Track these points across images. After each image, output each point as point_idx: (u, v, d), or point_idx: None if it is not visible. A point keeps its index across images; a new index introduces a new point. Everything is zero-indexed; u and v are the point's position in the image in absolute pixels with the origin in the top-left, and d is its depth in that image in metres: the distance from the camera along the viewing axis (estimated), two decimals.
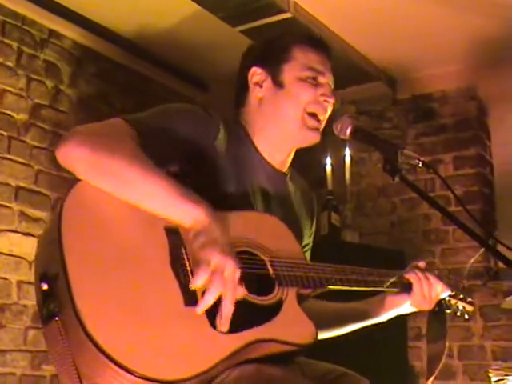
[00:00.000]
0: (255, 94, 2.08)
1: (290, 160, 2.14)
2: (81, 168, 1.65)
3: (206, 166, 1.89)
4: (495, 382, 3.28)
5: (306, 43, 2.09)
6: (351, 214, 5.12)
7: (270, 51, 2.10)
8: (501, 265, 4.79)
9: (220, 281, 1.58)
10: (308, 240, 2.20)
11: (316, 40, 2.12)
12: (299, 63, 2.05)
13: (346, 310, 2.21)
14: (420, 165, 1.90)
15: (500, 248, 1.85)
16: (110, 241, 1.59)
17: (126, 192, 1.65)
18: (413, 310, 2.16)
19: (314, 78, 2.04)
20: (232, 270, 1.60)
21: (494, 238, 1.97)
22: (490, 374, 3.34)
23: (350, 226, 4.91)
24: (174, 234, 1.68)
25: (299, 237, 2.07)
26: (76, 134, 1.70)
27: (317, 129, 2.05)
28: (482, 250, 1.92)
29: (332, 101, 2.06)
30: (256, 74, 2.08)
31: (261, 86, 2.07)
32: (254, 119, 2.07)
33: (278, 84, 2.05)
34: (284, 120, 2.04)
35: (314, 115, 2.04)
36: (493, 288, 4.65)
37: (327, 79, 2.07)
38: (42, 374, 3.96)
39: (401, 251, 4.56)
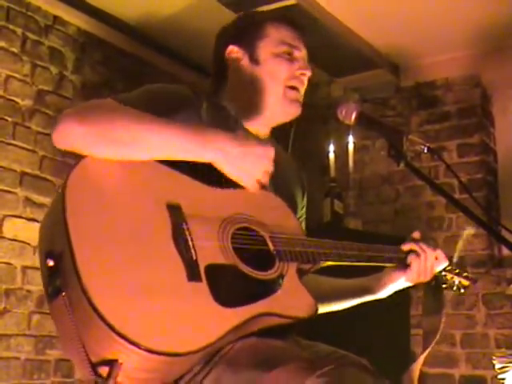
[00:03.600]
0: (233, 72, 2.11)
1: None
2: (84, 142, 1.66)
3: None
4: (499, 369, 3.29)
5: (278, 20, 2.13)
6: (354, 202, 5.12)
7: (245, 29, 2.13)
8: (504, 252, 4.80)
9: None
10: (301, 212, 2.23)
11: (289, 17, 2.16)
12: (273, 39, 2.09)
13: (345, 286, 2.24)
14: (425, 151, 1.90)
15: (505, 234, 1.85)
16: (113, 217, 1.61)
17: (139, 150, 1.68)
18: (410, 284, 2.17)
19: (289, 53, 2.08)
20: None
21: (500, 224, 1.98)
22: (494, 361, 3.34)
23: (353, 213, 4.91)
24: (175, 210, 1.70)
25: (294, 208, 2.11)
26: (68, 113, 1.71)
27: (297, 100, 2.09)
28: (472, 230, 1.92)
29: (309, 73, 2.10)
30: (233, 52, 2.11)
31: (238, 64, 2.10)
32: (236, 97, 2.10)
33: (254, 61, 2.08)
34: (264, 96, 2.06)
35: (294, 88, 2.07)
36: (496, 276, 4.65)
37: (302, 53, 2.11)
38: (46, 358, 3.98)
39: (404, 238, 4.55)
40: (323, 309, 2.16)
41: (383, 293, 2.20)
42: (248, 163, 1.74)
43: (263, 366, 1.60)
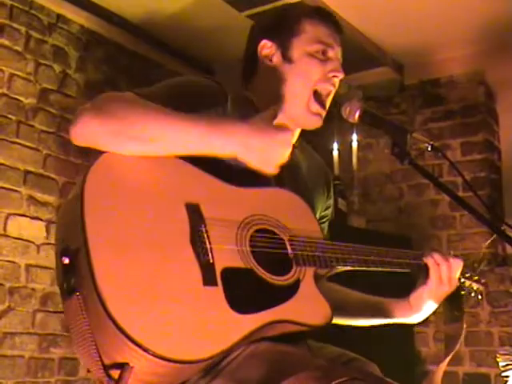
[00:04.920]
0: (264, 67, 2.04)
1: (297, 133, 2.10)
2: (103, 139, 1.62)
3: None
4: (503, 366, 3.29)
5: (315, 17, 2.05)
6: (358, 200, 5.11)
7: (280, 24, 2.05)
8: (508, 251, 4.80)
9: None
10: (325, 212, 2.18)
11: (325, 13, 2.09)
12: (308, 36, 2.01)
13: (370, 303, 2.17)
14: (429, 148, 1.89)
15: (509, 233, 1.85)
16: (131, 217, 1.59)
17: (157, 146, 1.64)
18: (436, 303, 2.07)
19: (323, 52, 2.00)
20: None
21: (504, 222, 1.97)
22: (498, 359, 3.34)
23: (357, 211, 4.91)
24: (194, 210, 1.67)
25: (312, 209, 2.06)
26: (87, 108, 1.67)
27: (319, 114, 2.02)
28: (494, 236, 1.91)
29: (341, 76, 2.02)
30: (266, 47, 2.03)
31: (270, 60, 2.02)
32: (263, 93, 2.03)
33: (287, 59, 2.00)
34: (291, 98, 2.00)
35: (319, 97, 2.00)
36: (500, 274, 4.65)
37: (336, 53, 2.03)
38: (50, 356, 3.98)
39: (407, 237, 4.56)
40: (339, 320, 2.10)
41: (411, 318, 2.12)
42: (269, 152, 1.71)
43: (274, 375, 1.56)
